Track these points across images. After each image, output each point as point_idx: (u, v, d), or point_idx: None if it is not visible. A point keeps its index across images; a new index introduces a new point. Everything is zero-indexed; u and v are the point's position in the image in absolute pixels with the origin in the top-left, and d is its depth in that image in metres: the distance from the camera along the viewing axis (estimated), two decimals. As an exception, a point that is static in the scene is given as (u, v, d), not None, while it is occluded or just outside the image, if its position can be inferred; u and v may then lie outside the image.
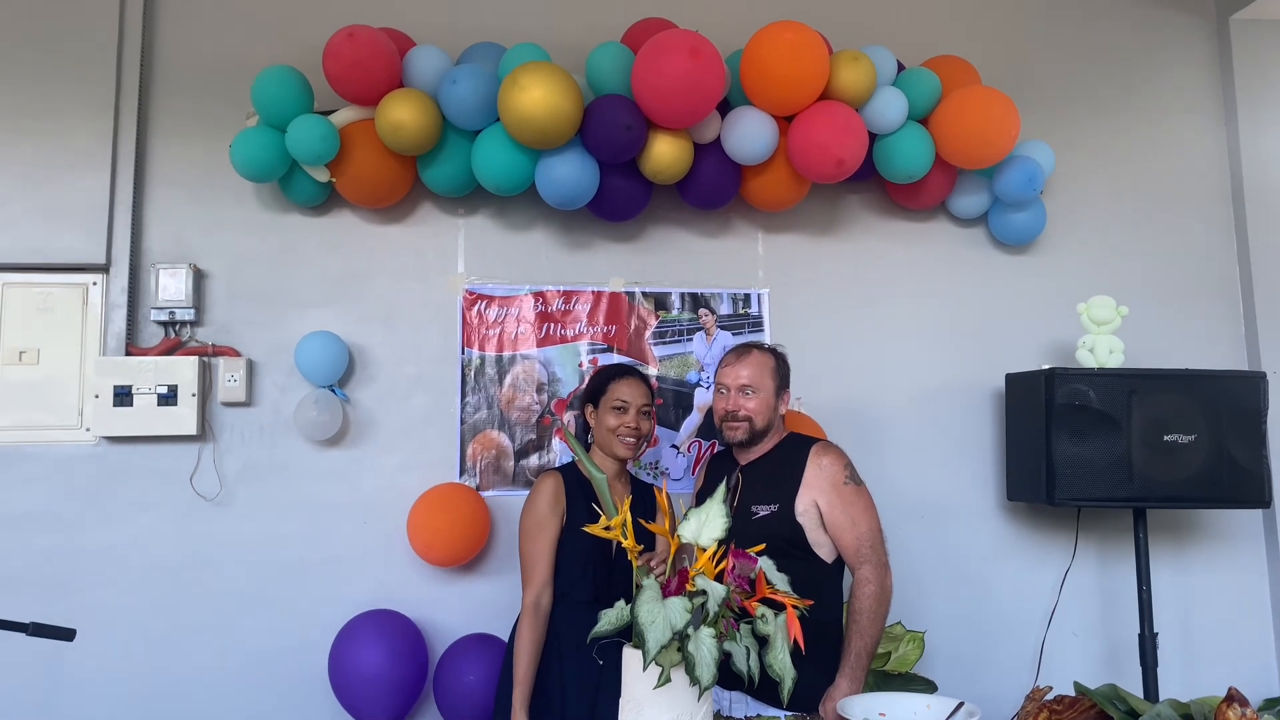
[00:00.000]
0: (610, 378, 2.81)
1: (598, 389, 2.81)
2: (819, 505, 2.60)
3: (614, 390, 2.77)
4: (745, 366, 2.69)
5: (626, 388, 2.77)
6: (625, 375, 2.82)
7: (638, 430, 2.76)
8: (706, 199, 3.30)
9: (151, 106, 3.32)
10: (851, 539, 2.59)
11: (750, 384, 2.67)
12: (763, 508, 2.60)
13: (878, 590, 2.55)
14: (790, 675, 1.96)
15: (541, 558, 2.65)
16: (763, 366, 2.70)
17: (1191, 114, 3.90)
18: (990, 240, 3.68)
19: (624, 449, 2.75)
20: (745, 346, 2.79)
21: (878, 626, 2.56)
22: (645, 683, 1.90)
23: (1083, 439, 3.11)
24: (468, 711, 2.99)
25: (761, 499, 2.61)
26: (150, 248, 3.26)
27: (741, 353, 2.75)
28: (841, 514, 2.59)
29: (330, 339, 3.18)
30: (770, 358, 2.74)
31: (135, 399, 3.09)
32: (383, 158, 3.13)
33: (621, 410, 2.74)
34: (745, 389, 2.67)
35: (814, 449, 2.66)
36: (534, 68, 2.93)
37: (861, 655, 2.52)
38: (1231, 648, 3.60)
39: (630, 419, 2.74)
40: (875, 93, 3.22)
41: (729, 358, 2.76)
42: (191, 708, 3.10)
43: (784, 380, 2.75)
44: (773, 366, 2.72)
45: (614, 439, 2.74)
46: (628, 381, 2.79)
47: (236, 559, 3.17)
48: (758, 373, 2.69)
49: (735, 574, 2.01)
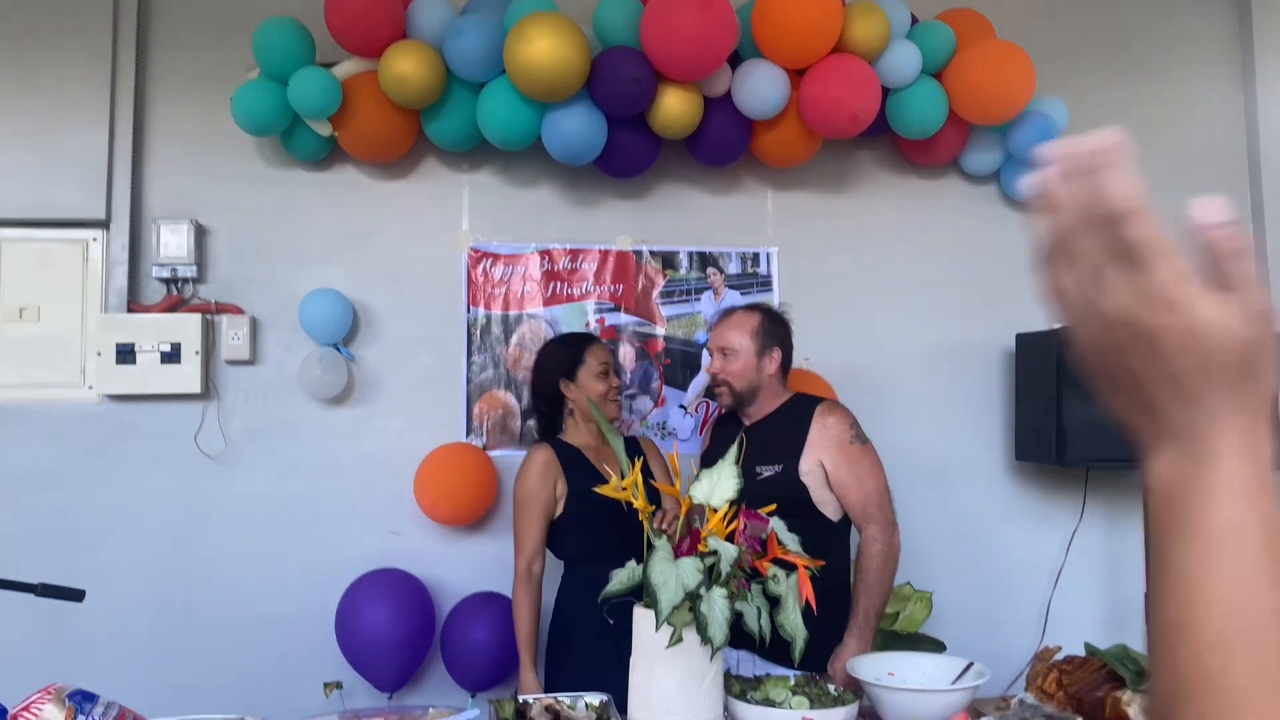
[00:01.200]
0: (582, 348, 2.82)
1: (572, 361, 2.80)
2: (824, 465, 2.58)
3: (592, 357, 2.80)
4: (726, 328, 2.67)
5: (601, 351, 2.84)
6: (594, 341, 2.89)
7: (619, 389, 2.87)
8: (715, 155, 3.25)
9: (149, 58, 3.25)
10: (858, 498, 2.57)
11: (728, 346, 2.64)
12: (767, 468, 2.58)
13: (885, 549, 2.54)
14: (802, 635, 1.95)
15: (531, 528, 2.70)
16: (742, 327, 2.65)
17: (1208, 75, 3.82)
18: (1002, 198, 3.63)
19: (616, 409, 2.84)
20: (731, 308, 2.78)
21: (885, 586, 2.55)
22: (657, 642, 1.89)
23: (1093, 399, 3.07)
24: (474, 669, 3.00)
25: (766, 459, 2.59)
26: (151, 203, 3.22)
27: (725, 314, 2.74)
28: (847, 473, 2.57)
29: (335, 297, 3.14)
30: (755, 316, 2.68)
31: (138, 357, 3.06)
32: (386, 111, 3.07)
33: (605, 374, 2.79)
34: (724, 351, 2.65)
35: (819, 409, 2.63)
36: (541, 19, 2.87)
37: (869, 614, 2.52)
38: (1237, 608, 3.60)
39: (614, 379, 2.82)
40: (889, 46, 3.15)
41: (716, 321, 2.76)
42: (197, 667, 3.10)
43: (771, 338, 2.66)
44: (754, 326, 2.65)
45: (606, 403, 2.77)
46: (598, 347, 2.85)
47: (242, 518, 3.16)
48: (737, 334, 2.64)
49: (746, 534, 1.99)
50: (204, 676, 3.10)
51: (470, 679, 3.01)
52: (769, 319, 2.70)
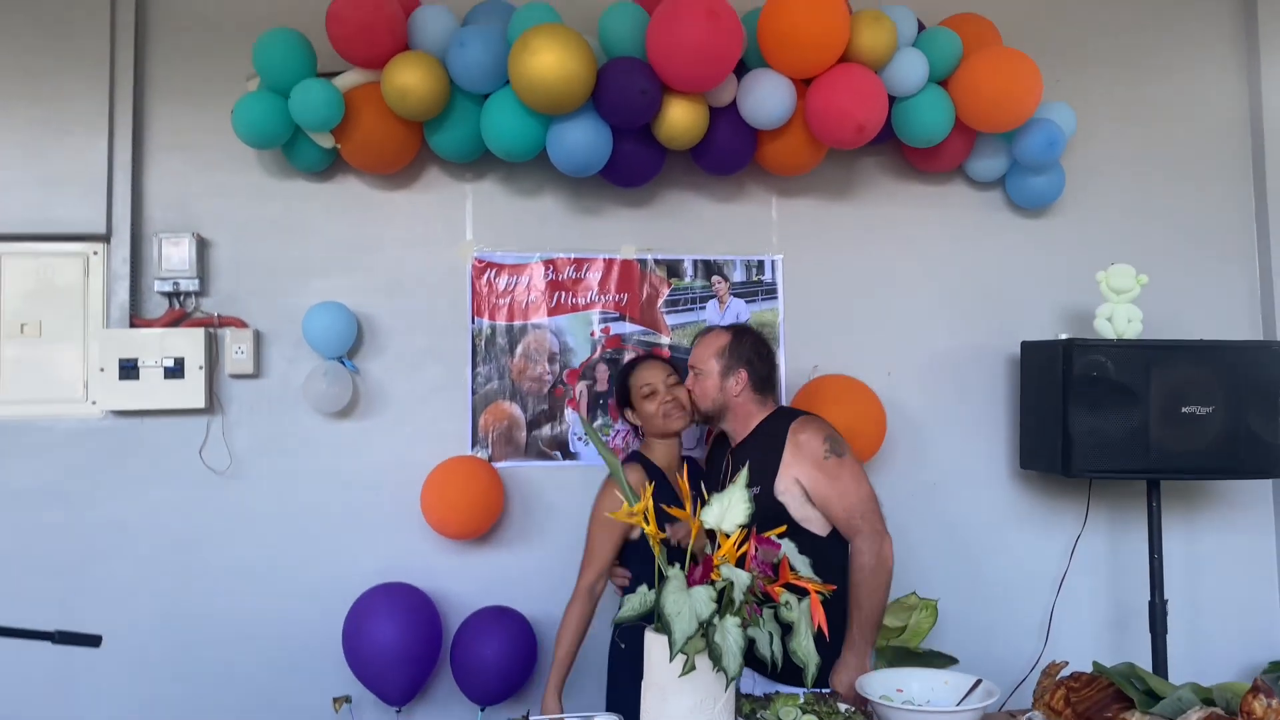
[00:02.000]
0: (627, 373, 2.89)
1: (622, 390, 2.87)
2: (801, 483, 2.59)
3: (636, 380, 2.83)
4: (696, 347, 2.79)
5: (645, 372, 2.83)
6: (640, 363, 2.91)
7: (675, 401, 2.79)
8: (721, 164, 3.23)
9: (148, 69, 3.21)
10: (841, 511, 2.57)
11: (695, 366, 2.75)
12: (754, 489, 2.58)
13: (873, 560, 2.52)
14: (814, 661, 1.96)
15: (604, 547, 2.69)
16: (708, 346, 2.74)
17: (1213, 70, 3.80)
18: (1008, 204, 3.62)
19: (675, 421, 2.80)
20: (709, 327, 2.87)
21: (877, 596, 2.54)
22: (669, 670, 1.89)
23: (1099, 411, 3.09)
24: (484, 683, 3.00)
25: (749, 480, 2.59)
26: (151, 216, 3.18)
27: (700, 334, 2.83)
28: (827, 489, 2.57)
29: (338, 309, 3.12)
30: (724, 337, 2.75)
31: (141, 372, 3.04)
32: (389, 123, 3.03)
33: (652, 394, 2.79)
34: (693, 369, 2.76)
35: (792, 426, 2.64)
36: (545, 30, 2.84)
37: (865, 627, 2.51)
38: (1239, 612, 3.63)
39: (664, 395, 2.78)
40: (895, 54, 3.12)
41: None
42: (205, 682, 3.10)
43: (737, 359, 2.72)
44: (720, 346, 2.73)
45: (660, 420, 2.78)
46: (644, 367, 2.86)
47: (247, 533, 3.15)
48: (703, 353, 2.75)
49: (758, 560, 2.00)
50: (211, 692, 3.10)
51: (479, 693, 3.02)
52: (737, 340, 2.74)
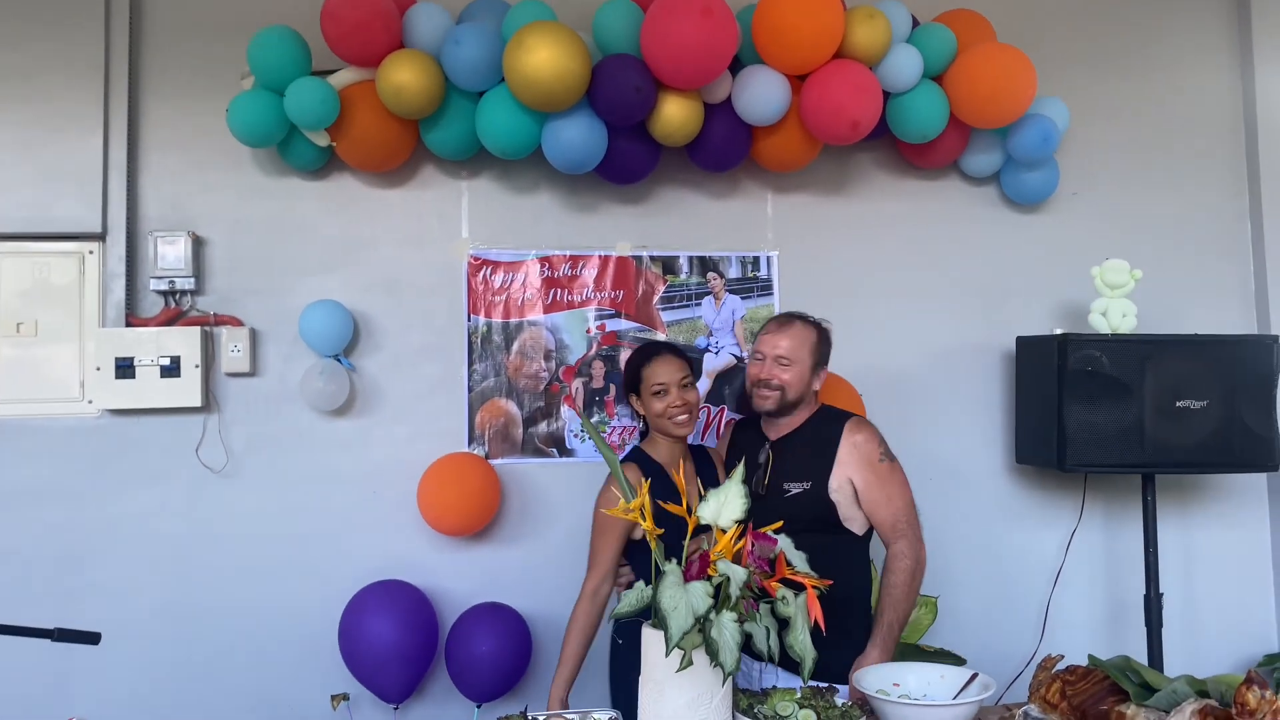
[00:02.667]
0: (641, 363, 2.72)
1: (634, 377, 2.73)
2: (854, 483, 2.59)
3: (649, 375, 2.68)
4: (785, 337, 2.64)
5: (660, 368, 2.68)
6: (656, 356, 2.73)
7: (685, 405, 2.68)
8: (716, 161, 3.23)
9: (142, 68, 3.21)
10: (888, 515, 2.58)
11: (787, 355, 2.62)
12: (795, 485, 2.58)
13: (913, 565, 2.55)
14: (811, 656, 1.96)
15: (608, 549, 2.61)
16: (803, 339, 2.65)
17: (1207, 65, 3.81)
18: (1002, 199, 3.62)
19: (679, 428, 2.68)
20: (789, 316, 2.72)
21: (910, 600, 2.56)
22: (666, 665, 1.90)
23: (1095, 405, 3.10)
24: (479, 680, 3.01)
25: (794, 476, 2.59)
26: (147, 214, 3.18)
27: (784, 322, 2.69)
28: (878, 492, 2.58)
29: (334, 307, 3.12)
30: (813, 331, 2.68)
31: (137, 371, 3.04)
32: (384, 121, 3.04)
33: (663, 393, 2.66)
34: (781, 359, 2.62)
35: (848, 425, 2.63)
36: (540, 28, 2.84)
37: (894, 626, 2.52)
38: (1233, 606, 3.64)
39: (674, 398, 2.66)
40: (890, 50, 3.13)
41: (771, 325, 2.71)
42: (202, 680, 3.11)
43: (823, 356, 2.69)
44: (814, 341, 2.67)
45: (666, 423, 2.67)
46: (658, 362, 2.70)
47: (244, 531, 3.15)
48: (796, 345, 2.63)
49: (755, 555, 2.00)
50: (209, 690, 3.11)
51: (475, 690, 3.02)
52: (823, 336, 2.71)
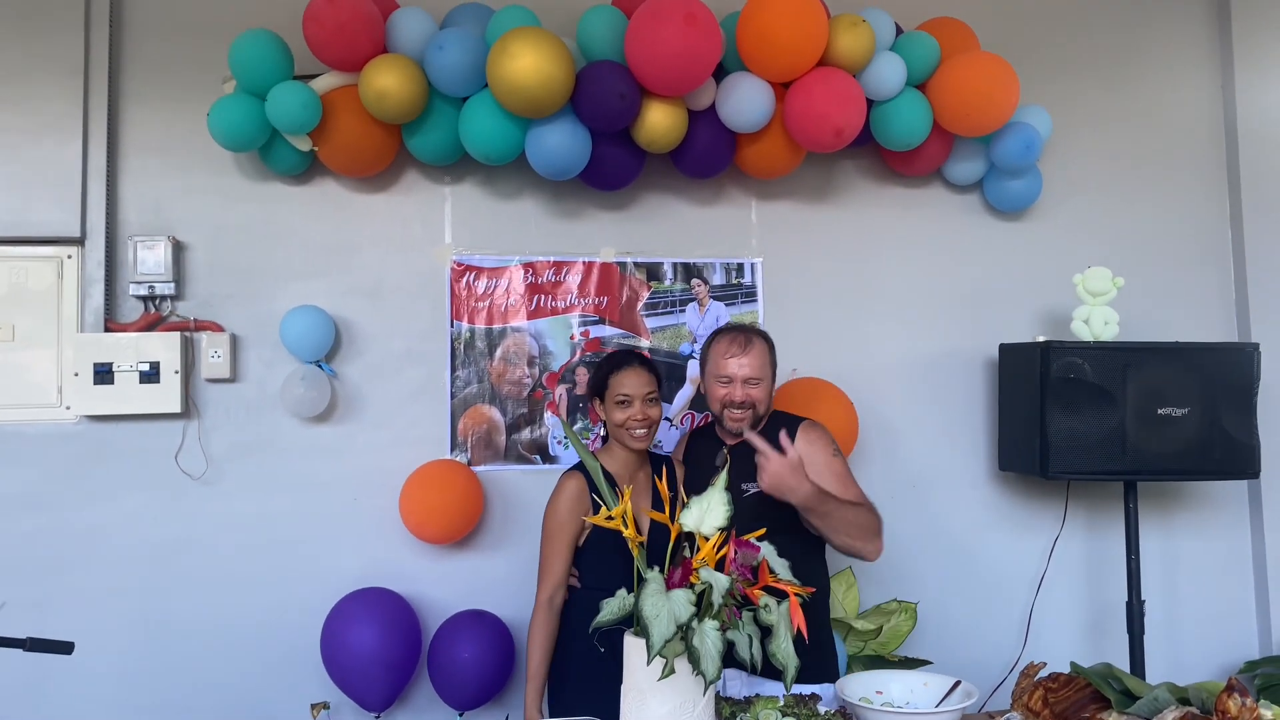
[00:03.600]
0: (609, 371, 2.70)
1: (600, 383, 2.71)
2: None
3: (615, 385, 2.66)
4: (750, 357, 2.65)
5: (627, 380, 2.66)
6: (624, 366, 2.70)
7: (646, 419, 2.65)
8: (700, 168, 3.23)
9: (122, 71, 3.18)
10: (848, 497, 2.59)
11: (755, 375, 2.65)
12: (752, 485, 2.58)
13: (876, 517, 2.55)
14: (794, 664, 1.96)
15: (557, 557, 2.60)
16: (764, 355, 2.69)
17: (1188, 75, 3.84)
18: (985, 207, 3.63)
19: (636, 442, 2.66)
20: (744, 334, 2.71)
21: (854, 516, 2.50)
22: (648, 673, 1.89)
23: (1077, 412, 3.11)
24: (462, 688, 2.99)
25: (752, 477, 2.59)
26: (126, 219, 3.16)
27: (745, 342, 2.68)
28: (834, 482, 2.59)
29: (316, 313, 3.10)
30: (768, 346, 2.73)
31: (116, 376, 3.01)
32: (367, 126, 3.02)
33: (626, 404, 2.64)
34: (750, 380, 2.64)
35: (802, 427, 2.67)
36: (524, 34, 2.83)
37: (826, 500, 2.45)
38: (1214, 612, 3.65)
39: (636, 411, 2.64)
40: (874, 58, 3.14)
41: (730, 347, 2.67)
42: (182, 689, 3.08)
43: (776, 365, 2.76)
44: (769, 354, 2.72)
45: (624, 434, 2.65)
46: (628, 373, 2.68)
47: (225, 538, 3.12)
48: (761, 362, 2.67)
49: (738, 563, 2.00)
50: (189, 698, 3.08)
51: (457, 698, 3.00)
52: (773, 346, 2.76)
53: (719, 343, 2.71)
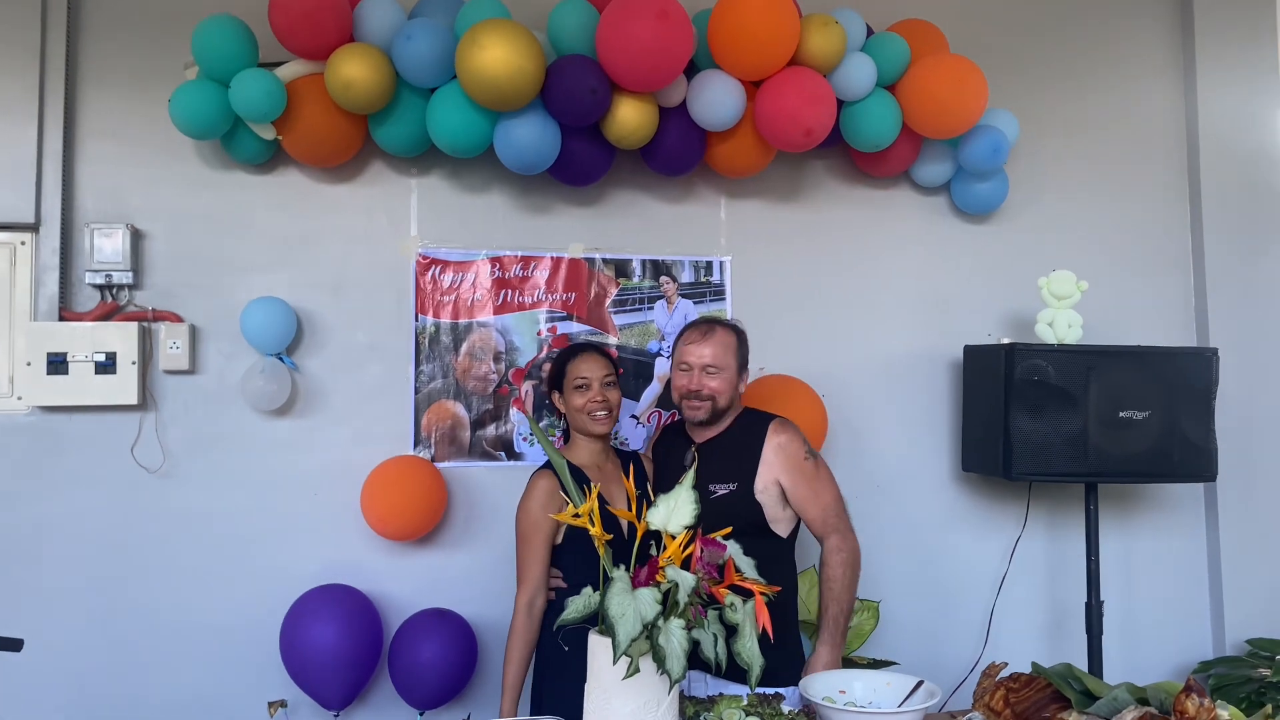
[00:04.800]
0: (566, 359, 2.74)
1: (558, 374, 2.74)
2: (781, 484, 2.61)
3: (572, 370, 2.69)
4: (709, 345, 2.64)
5: (584, 364, 2.69)
6: (580, 353, 2.74)
7: (605, 402, 2.67)
8: (670, 165, 3.22)
9: (81, 53, 3.11)
10: (817, 511, 2.61)
11: (714, 364, 2.62)
12: (721, 486, 2.58)
13: (849, 557, 2.59)
14: (758, 663, 1.95)
15: (533, 560, 2.57)
16: (726, 346, 2.66)
17: (1152, 82, 3.89)
18: (952, 209, 3.66)
19: (597, 425, 2.66)
20: (709, 323, 2.71)
21: (851, 592, 2.59)
22: (613, 672, 1.87)
23: (1040, 414, 3.13)
24: (422, 687, 2.95)
25: (720, 477, 2.59)
26: (83, 205, 3.08)
27: (706, 331, 2.67)
28: (806, 489, 2.60)
29: (278, 305, 3.05)
30: (733, 336, 2.69)
31: (71, 366, 2.94)
32: (332, 115, 2.97)
33: (584, 388, 2.66)
34: (709, 369, 2.63)
35: (771, 427, 2.65)
36: (494, 25, 2.80)
37: (839, 620, 2.55)
38: (1170, 613, 3.71)
39: (595, 393, 2.65)
40: (844, 59, 3.14)
41: (692, 335, 2.69)
42: (137, 686, 3.01)
43: (744, 359, 2.72)
44: (735, 345, 2.68)
45: (584, 418, 2.66)
46: (583, 358, 2.71)
47: (181, 533, 3.06)
48: (721, 352, 2.64)
49: (704, 561, 1.98)
50: (143, 697, 3.01)
51: (418, 697, 2.97)
52: (742, 338, 2.72)
53: (684, 332, 2.74)
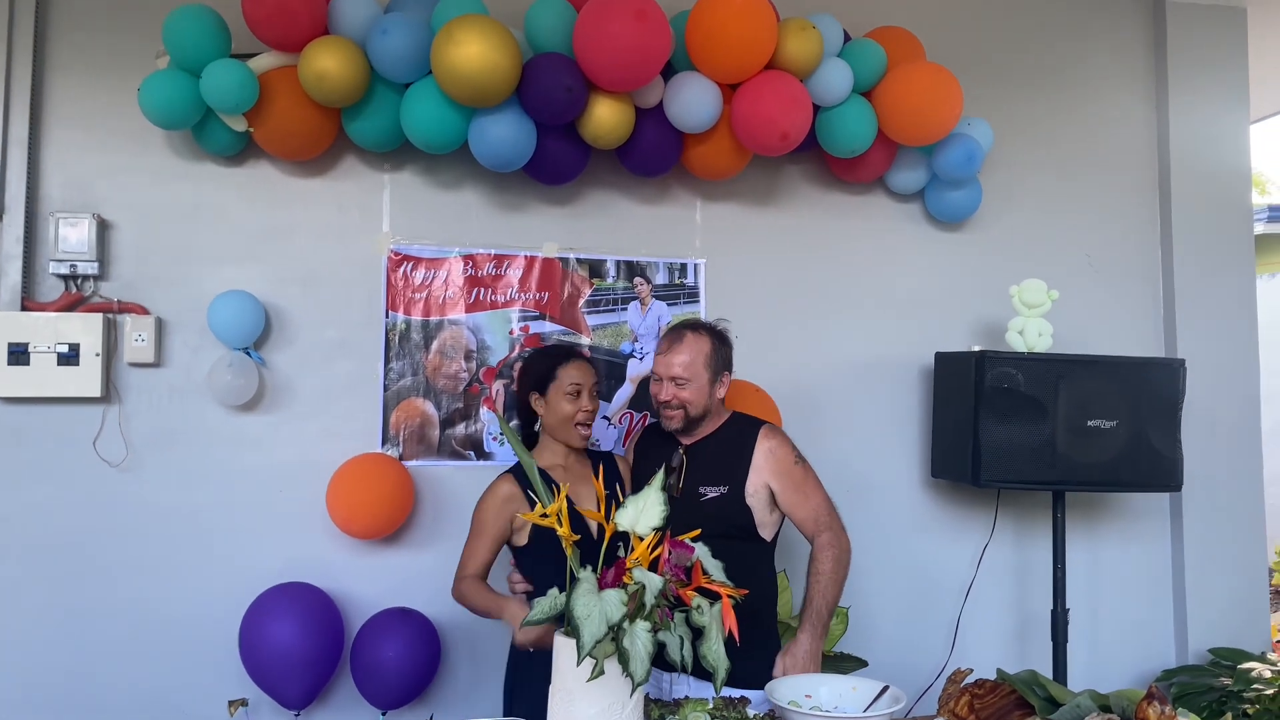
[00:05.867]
0: (558, 362, 2.66)
1: (545, 375, 2.65)
2: (771, 487, 2.60)
3: (565, 375, 2.62)
4: (677, 354, 2.58)
5: (577, 371, 2.63)
6: (573, 358, 2.68)
7: (592, 414, 2.64)
8: (646, 166, 3.21)
9: (49, 39, 3.06)
10: (808, 513, 2.60)
11: (682, 374, 2.57)
12: (711, 489, 2.56)
13: (839, 553, 2.57)
14: (724, 666, 1.94)
15: (476, 554, 2.58)
16: (696, 351, 2.59)
17: (1125, 97, 3.93)
18: (926, 216, 3.67)
19: (580, 438, 2.63)
20: (679, 329, 2.64)
21: (838, 587, 2.56)
22: (577, 674, 1.86)
23: (1009, 422, 3.15)
24: (385, 686, 2.92)
25: (710, 480, 2.57)
26: (49, 194, 3.03)
27: (674, 338, 2.61)
28: (796, 493, 2.60)
29: (246, 299, 3.01)
30: (706, 340, 2.62)
31: (32, 357, 2.89)
32: (305, 108, 2.94)
33: (576, 395, 2.61)
34: (677, 380, 2.57)
35: (761, 432, 2.63)
36: (470, 21, 2.78)
37: (822, 611, 2.52)
38: (1134, 622, 3.74)
39: (586, 403, 2.61)
40: (821, 64, 3.15)
41: (661, 344, 2.64)
42: (94, 684, 2.96)
43: (723, 362, 2.64)
44: (708, 352, 2.60)
45: (570, 429, 2.61)
46: (577, 364, 2.65)
47: (143, 528, 3.01)
48: (689, 359, 2.58)
49: (671, 563, 1.97)
50: (101, 695, 2.96)
51: (381, 697, 2.93)
52: (718, 342, 2.65)
53: (659, 339, 2.71)
